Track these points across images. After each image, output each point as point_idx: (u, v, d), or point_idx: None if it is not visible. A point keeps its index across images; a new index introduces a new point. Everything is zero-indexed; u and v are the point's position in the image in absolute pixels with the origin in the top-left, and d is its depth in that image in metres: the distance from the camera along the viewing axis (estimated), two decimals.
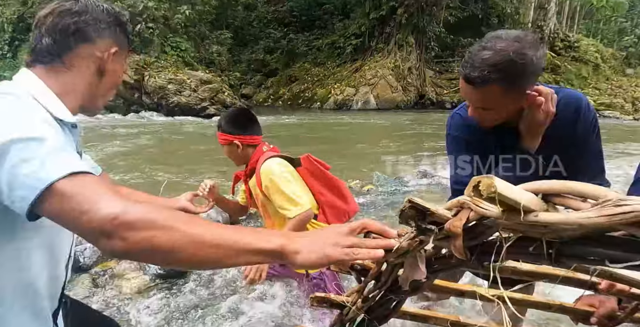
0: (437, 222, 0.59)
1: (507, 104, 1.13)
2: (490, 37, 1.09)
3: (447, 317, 1.12)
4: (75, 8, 0.91)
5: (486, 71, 1.05)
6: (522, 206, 0.43)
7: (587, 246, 0.44)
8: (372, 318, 1.00)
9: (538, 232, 0.47)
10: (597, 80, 18.96)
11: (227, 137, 1.87)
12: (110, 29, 0.95)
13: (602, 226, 0.38)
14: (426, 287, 0.91)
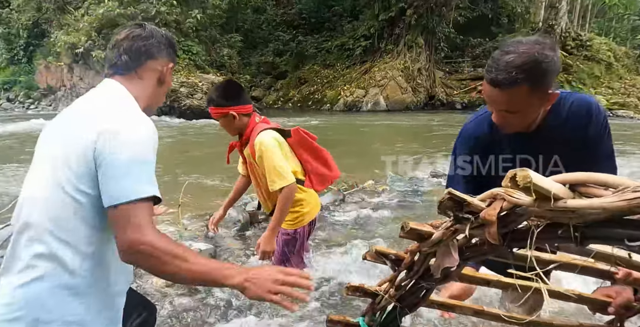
0: (473, 212, 0.66)
1: (533, 105, 1.17)
2: (511, 43, 1.15)
3: (471, 306, 1.19)
4: (144, 34, 1.21)
5: (513, 73, 1.09)
6: (552, 194, 0.50)
7: (609, 228, 0.51)
8: (403, 306, 1.08)
9: (566, 218, 0.54)
10: (610, 80, 18.74)
11: (222, 110, 2.00)
12: (167, 49, 1.25)
13: (622, 209, 0.45)
14: (455, 276, 0.98)
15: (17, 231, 1.05)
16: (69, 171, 1.02)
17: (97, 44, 15.80)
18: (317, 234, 3.19)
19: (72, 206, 1.02)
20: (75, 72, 17.00)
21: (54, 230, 1.00)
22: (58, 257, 1.00)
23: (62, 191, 1.01)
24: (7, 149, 8.85)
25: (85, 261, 1.02)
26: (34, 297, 0.99)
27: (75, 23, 16.82)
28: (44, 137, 1.16)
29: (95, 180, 1.01)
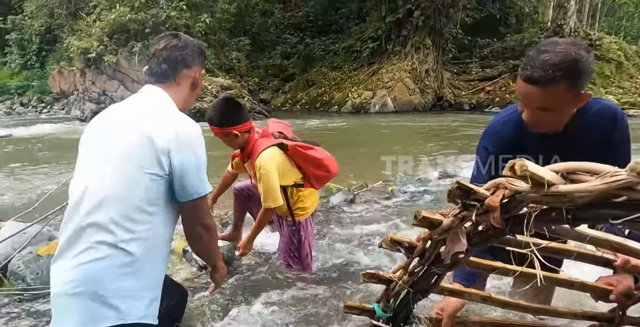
0: (478, 199, 0.75)
1: (568, 103, 1.21)
2: (547, 43, 1.20)
3: (479, 293, 1.27)
4: (180, 44, 1.39)
5: (550, 70, 1.12)
6: (546, 180, 0.59)
7: (596, 209, 0.59)
8: (415, 291, 1.16)
9: (559, 202, 0.62)
10: (620, 79, 18.56)
11: (225, 131, 2.17)
12: (199, 57, 1.44)
13: (603, 191, 0.53)
14: (464, 262, 1.06)
15: (79, 221, 1.22)
16: (136, 168, 1.22)
17: (109, 48, 16.08)
18: (327, 231, 3.29)
19: (137, 200, 1.22)
20: (87, 77, 17.29)
21: (119, 220, 1.20)
22: (119, 242, 1.19)
23: (128, 185, 1.22)
24: (28, 151, 9.08)
25: (140, 246, 1.22)
26: (94, 275, 1.18)
27: (87, 28, 17.14)
28: (93, 138, 1.32)
29: (160, 177, 1.24)
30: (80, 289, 1.17)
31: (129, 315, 1.20)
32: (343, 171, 5.75)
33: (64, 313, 1.19)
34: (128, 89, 16.49)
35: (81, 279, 1.17)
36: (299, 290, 2.32)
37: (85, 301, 1.17)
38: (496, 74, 20.27)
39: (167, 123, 1.24)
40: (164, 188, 1.26)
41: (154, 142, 1.21)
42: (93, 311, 1.17)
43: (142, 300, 1.24)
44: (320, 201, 4.01)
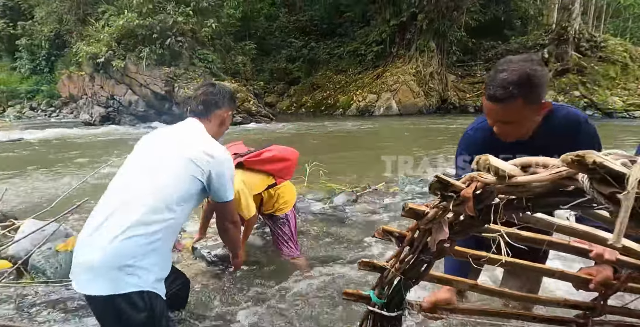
0: (455, 191, 0.86)
1: (528, 116, 1.33)
2: (503, 62, 1.32)
3: (466, 281, 1.37)
4: (214, 91, 1.88)
5: (509, 88, 1.25)
6: (506, 172, 0.70)
7: (548, 197, 0.70)
8: (407, 278, 1.27)
9: (520, 191, 0.73)
10: (626, 81, 18.50)
11: None
12: (229, 101, 1.91)
13: (550, 181, 0.64)
14: (449, 251, 1.17)
15: (115, 207, 1.56)
16: (185, 175, 1.64)
17: (117, 53, 16.36)
18: (330, 229, 3.41)
19: (176, 195, 1.61)
20: (96, 81, 17.58)
21: (164, 208, 1.57)
22: (150, 224, 1.53)
23: (176, 185, 1.62)
24: (40, 154, 9.29)
25: (167, 231, 1.58)
26: (125, 249, 1.48)
27: (96, 34, 17.43)
28: (152, 147, 1.76)
29: (194, 185, 1.66)
30: (115, 259, 1.47)
31: (146, 284, 1.51)
32: (347, 172, 5.86)
33: (95, 278, 1.47)
34: (135, 93, 16.75)
35: (116, 253, 1.47)
36: (301, 281, 2.45)
37: (115, 271, 1.46)
38: None
39: (206, 149, 1.71)
40: (195, 192, 1.68)
41: (201, 162, 1.67)
42: (121, 279, 1.46)
43: (155, 275, 1.55)
44: (324, 202, 4.13)
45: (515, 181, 0.70)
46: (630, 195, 0.52)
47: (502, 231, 0.82)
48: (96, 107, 17.81)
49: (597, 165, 0.55)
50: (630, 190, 0.52)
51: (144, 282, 1.50)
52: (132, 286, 1.48)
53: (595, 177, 0.57)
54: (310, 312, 2.14)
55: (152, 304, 1.53)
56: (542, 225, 0.95)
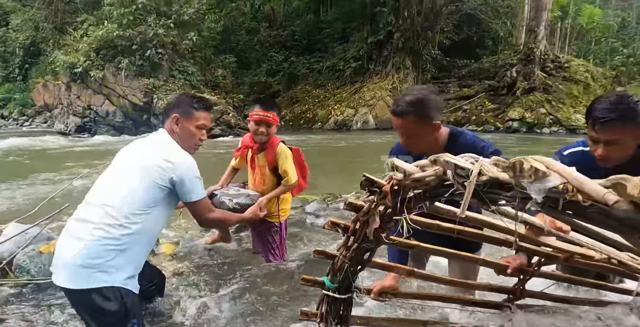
0: (379, 187, 1.12)
1: (420, 132, 1.66)
2: (411, 88, 1.70)
3: (405, 267, 1.63)
4: (171, 100, 2.07)
5: (405, 106, 1.61)
6: (406, 171, 0.96)
7: (438, 188, 0.96)
8: (353, 264, 1.52)
9: (421, 185, 1.00)
10: (588, 99, 19.60)
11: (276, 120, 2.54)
12: (178, 106, 1.99)
13: (434, 176, 0.91)
14: (384, 240, 1.43)
15: (91, 206, 1.76)
16: (148, 181, 1.77)
17: (96, 63, 16.32)
18: (301, 234, 3.64)
19: (141, 201, 1.76)
20: (72, 91, 17.40)
21: (128, 213, 1.73)
22: (116, 229, 1.70)
23: (140, 191, 1.76)
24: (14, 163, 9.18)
25: (132, 234, 1.74)
26: (96, 250, 1.66)
27: (74, 43, 17.36)
28: (124, 157, 1.92)
29: (157, 191, 1.78)
30: (83, 261, 1.66)
31: (116, 281, 1.69)
32: (321, 184, 6.11)
33: (70, 274, 1.67)
34: (113, 103, 16.68)
35: (85, 253, 1.66)
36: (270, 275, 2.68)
37: (85, 268, 1.65)
38: (472, 93, 21.18)
39: (165, 155, 1.83)
40: (161, 197, 1.80)
41: (167, 168, 1.80)
42: (90, 275, 1.65)
43: (126, 273, 1.73)
44: (297, 209, 4.36)
45: (414, 177, 0.97)
46: (471, 182, 0.78)
47: (406, 216, 1.08)
48: (72, 117, 17.60)
49: (449, 163, 0.82)
50: (472, 179, 0.78)
51: (115, 279, 1.69)
52: (103, 282, 1.66)
53: (456, 171, 0.84)
54: (277, 300, 2.37)
55: (123, 298, 1.70)
56: (450, 214, 1.22)
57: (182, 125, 1.96)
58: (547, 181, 0.62)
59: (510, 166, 0.70)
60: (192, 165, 1.88)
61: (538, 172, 0.63)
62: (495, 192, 0.78)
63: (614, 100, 1.57)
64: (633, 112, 1.56)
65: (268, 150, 2.59)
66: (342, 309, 1.66)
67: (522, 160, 0.66)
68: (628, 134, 1.58)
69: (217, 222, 2.13)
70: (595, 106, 1.61)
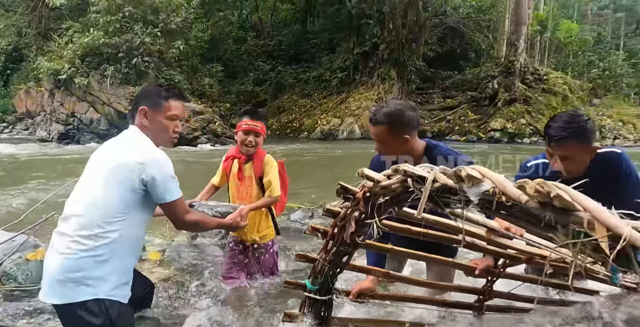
0: (353, 194, 1.23)
1: (391, 141, 1.80)
2: (390, 101, 1.84)
3: (381, 270, 1.75)
4: (141, 94, 1.94)
5: (380, 116, 1.77)
6: (375, 179, 1.08)
7: (404, 194, 1.08)
8: (332, 267, 1.62)
9: (389, 192, 1.12)
10: (566, 110, 20.23)
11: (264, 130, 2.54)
12: (146, 97, 1.84)
13: (397, 184, 1.03)
14: (361, 245, 1.54)
15: (65, 218, 1.67)
16: (116, 184, 1.64)
17: (80, 70, 16.19)
18: (288, 240, 3.74)
19: (111, 207, 1.64)
20: (56, 98, 17.20)
21: (100, 222, 1.62)
22: (91, 239, 1.61)
23: (109, 199, 1.64)
24: None
25: (113, 244, 1.65)
26: (74, 264, 1.59)
27: (58, 50, 17.21)
28: (94, 162, 1.78)
29: (129, 194, 1.64)
30: (65, 275, 1.59)
31: (100, 292, 1.62)
32: (307, 192, 6.21)
33: (53, 289, 1.62)
34: (98, 111, 16.53)
35: (66, 267, 1.59)
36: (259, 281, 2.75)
37: (66, 283, 1.59)
38: (456, 104, 21.65)
39: (134, 156, 1.68)
40: (134, 200, 1.68)
41: (131, 166, 1.65)
42: (73, 289, 1.59)
43: (112, 283, 1.65)
44: (282, 218, 4.45)
45: (382, 185, 1.09)
46: (427, 188, 0.90)
47: (376, 220, 1.20)
48: (55, 124, 17.36)
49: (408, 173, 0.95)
50: (427, 185, 0.90)
51: (99, 291, 1.61)
52: (87, 295, 1.59)
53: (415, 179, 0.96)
54: (264, 305, 2.45)
55: (109, 310, 1.62)
56: (415, 218, 1.34)
57: (152, 118, 1.78)
58: (481, 186, 0.74)
59: (453, 174, 0.82)
60: (164, 163, 1.72)
61: (474, 178, 0.75)
62: (446, 197, 0.91)
63: (566, 120, 1.74)
64: (584, 130, 1.72)
65: (255, 161, 2.58)
66: (323, 310, 1.76)
67: (461, 168, 0.79)
68: (580, 150, 1.74)
69: (194, 225, 1.93)
70: (551, 125, 1.78)
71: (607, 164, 1.85)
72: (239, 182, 2.62)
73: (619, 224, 0.63)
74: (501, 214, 0.79)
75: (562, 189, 0.67)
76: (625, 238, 0.60)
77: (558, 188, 0.67)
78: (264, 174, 2.56)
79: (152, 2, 16.50)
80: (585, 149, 1.76)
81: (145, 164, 1.66)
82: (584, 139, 1.74)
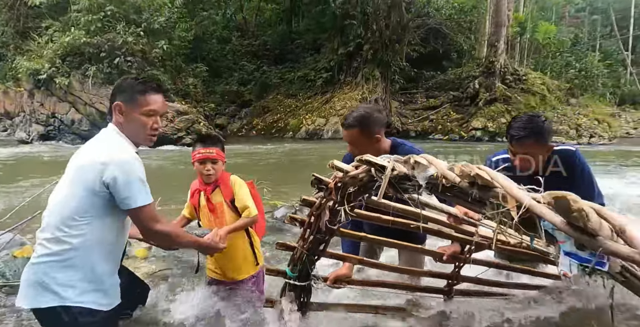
0: (326, 185, 1.36)
1: (363, 142, 1.93)
2: (357, 106, 2.01)
3: (355, 257, 1.88)
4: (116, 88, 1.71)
5: (351, 120, 1.93)
6: (344, 169, 1.21)
7: (370, 182, 1.21)
8: (310, 254, 1.75)
9: (358, 181, 1.25)
10: (544, 110, 20.81)
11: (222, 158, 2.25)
12: (122, 92, 1.69)
13: (363, 173, 1.16)
14: (336, 232, 1.67)
15: (43, 225, 1.61)
16: (79, 185, 1.55)
17: (61, 70, 15.94)
18: (273, 235, 3.85)
19: (72, 210, 1.54)
20: (35, 98, 16.90)
21: (61, 225, 1.54)
22: (59, 243, 1.54)
23: (70, 200, 1.55)
24: None
25: (76, 246, 1.56)
26: (40, 268, 1.54)
27: (38, 49, 16.91)
28: (71, 160, 1.66)
29: (94, 197, 1.54)
30: (32, 278, 1.56)
31: (67, 299, 1.53)
32: (291, 191, 6.31)
33: (24, 292, 1.58)
34: (79, 111, 16.31)
35: (32, 271, 1.56)
36: None
37: (35, 287, 1.54)
38: (438, 103, 22.04)
39: (99, 156, 1.56)
40: (101, 204, 1.56)
41: (93, 166, 1.54)
42: (40, 294, 1.53)
43: (80, 289, 1.55)
44: (267, 215, 4.56)
45: (350, 175, 1.22)
46: (386, 175, 1.03)
47: (346, 206, 1.32)
48: (35, 125, 17.05)
49: (371, 163, 1.08)
50: (386, 173, 1.03)
51: (66, 298, 1.52)
52: (53, 301, 1.52)
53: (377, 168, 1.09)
54: None
55: (77, 318, 1.53)
56: (383, 206, 1.48)
57: (128, 115, 1.64)
58: (427, 171, 0.87)
59: (406, 162, 0.96)
60: (130, 164, 1.56)
61: (421, 165, 0.89)
62: (404, 183, 1.04)
63: (525, 120, 1.92)
64: (541, 130, 1.91)
65: (222, 186, 2.29)
66: (302, 296, 1.88)
67: (410, 156, 0.92)
68: (538, 148, 1.92)
69: (164, 236, 1.68)
70: (512, 125, 1.95)
71: (563, 161, 2.03)
72: (211, 213, 2.32)
73: (523, 196, 0.77)
74: (446, 195, 0.93)
75: (482, 170, 0.81)
76: (525, 206, 0.75)
77: (478, 169, 0.80)
78: (235, 194, 2.28)
79: (135, 1, 16.36)
80: (542, 147, 1.94)
81: (108, 164, 1.52)
82: (541, 138, 1.91)
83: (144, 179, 1.60)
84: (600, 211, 0.76)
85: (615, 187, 6.66)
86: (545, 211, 0.74)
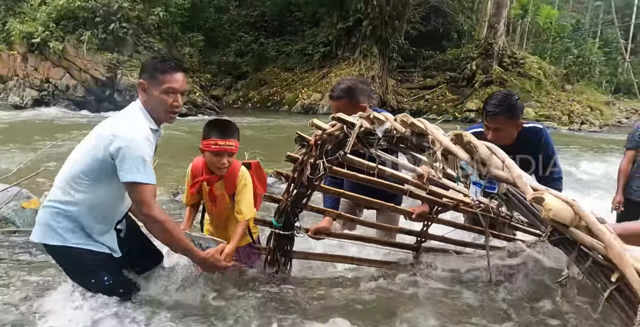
0: (308, 142, 1.57)
1: (350, 112, 2.10)
2: (343, 78, 2.20)
3: (334, 211, 2.12)
4: (141, 67, 1.96)
5: (339, 92, 2.12)
6: (323, 127, 1.41)
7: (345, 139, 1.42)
8: (293, 207, 1.98)
9: (335, 138, 1.46)
10: (539, 94, 20.98)
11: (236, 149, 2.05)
12: (145, 71, 1.88)
13: (339, 130, 1.36)
14: (317, 187, 1.89)
15: (60, 172, 1.88)
16: (90, 150, 1.79)
17: (55, 35, 15.68)
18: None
19: (79, 169, 1.80)
20: (29, 62, 16.67)
21: (69, 179, 1.82)
22: (63, 195, 1.82)
23: (81, 160, 1.80)
24: None
25: (76, 205, 1.82)
26: (50, 212, 1.84)
27: (31, 12, 16.54)
28: (95, 128, 1.87)
29: (99, 162, 1.74)
30: (40, 220, 1.87)
31: (68, 241, 1.82)
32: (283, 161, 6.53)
33: (36, 229, 1.88)
34: (74, 77, 16.16)
35: (41, 216, 1.87)
36: None
37: (44, 226, 1.84)
38: (435, 83, 22.06)
39: (113, 128, 1.75)
40: (104, 169, 1.75)
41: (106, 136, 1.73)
42: (48, 233, 1.83)
43: (78, 234, 1.83)
44: None
45: (327, 132, 1.43)
46: (355, 130, 1.24)
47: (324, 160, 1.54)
48: (28, 89, 16.89)
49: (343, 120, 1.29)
50: (355, 129, 1.24)
51: (67, 240, 1.80)
52: (57, 241, 1.80)
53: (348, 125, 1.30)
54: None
55: (79, 256, 1.81)
56: (357, 163, 1.70)
57: (150, 92, 1.79)
58: (384, 125, 1.09)
59: (369, 118, 1.17)
60: (135, 142, 1.68)
61: (379, 120, 1.10)
62: (370, 138, 1.25)
63: (500, 98, 2.13)
64: (513, 107, 2.13)
65: (227, 179, 2.15)
66: (286, 245, 2.13)
67: (371, 113, 1.13)
68: (509, 124, 2.15)
69: (154, 223, 1.76)
70: (488, 102, 2.17)
71: (530, 136, 2.26)
72: (212, 204, 2.25)
73: (443, 139, 1.00)
74: (399, 147, 1.14)
75: (419, 121, 1.02)
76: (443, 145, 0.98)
77: (414, 120, 1.02)
78: (237, 193, 2.15)
79: None
80: (513, 123, 2.16)
81: (117, 137, 1.68)
82: (513, 115, 2.13)
83: (147, 159, 1.72)
84: (491, 147, 1.01)
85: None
86: (457, 149, 0.97)
